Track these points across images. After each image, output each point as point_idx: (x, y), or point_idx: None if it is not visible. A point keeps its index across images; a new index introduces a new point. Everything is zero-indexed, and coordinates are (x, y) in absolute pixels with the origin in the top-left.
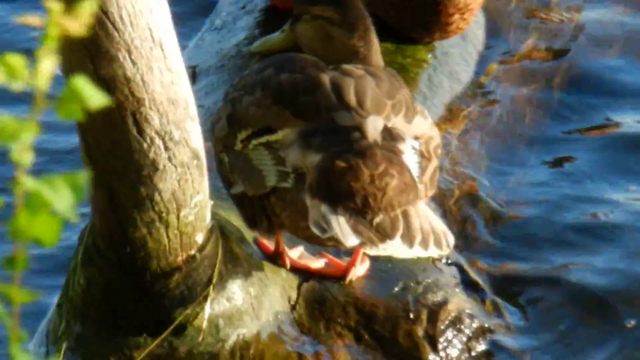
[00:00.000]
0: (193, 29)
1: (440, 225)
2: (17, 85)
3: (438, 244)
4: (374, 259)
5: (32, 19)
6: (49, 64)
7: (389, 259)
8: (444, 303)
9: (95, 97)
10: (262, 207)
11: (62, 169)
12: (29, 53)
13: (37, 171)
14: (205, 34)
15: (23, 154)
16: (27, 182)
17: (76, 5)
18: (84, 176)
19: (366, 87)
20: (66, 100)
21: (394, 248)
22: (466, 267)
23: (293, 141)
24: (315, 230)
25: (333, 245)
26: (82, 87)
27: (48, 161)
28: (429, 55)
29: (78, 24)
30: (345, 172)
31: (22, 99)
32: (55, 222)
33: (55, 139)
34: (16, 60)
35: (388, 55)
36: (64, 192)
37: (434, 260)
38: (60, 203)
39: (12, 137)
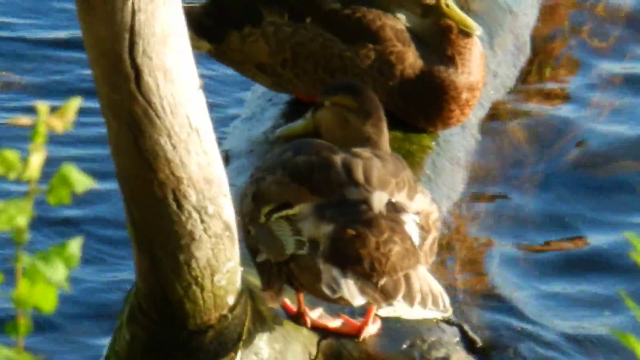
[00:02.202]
0: (228, 118)
1: (438, 287)
2: (12, 176)
3: (435, 303)
4: (384, 320)
5: (23, 120)
6: (38, 157)
7: (397, 320)
8: (446, 359)
9: (81, 182)
10: (283, 272)
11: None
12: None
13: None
14: (237, 122)
15: (20, 235)
16: (25, 259)
17: (62, 106)
18: (75, 246)
19: (373, 167)
20: (55, 186)
21: (398, 308)
22: (466, 327)
23: (308, 214)
24: (327, 291)
25: (346, 305)
26: (69, 174)
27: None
28: (433, 143)
29: (63, 122)
30: (353, 240)
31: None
32: (51, 291)
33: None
34: (11, 155)
35: (397, 142)
36: (57, 265)
37: (437, 321)
38: (54, 275)
39: (9, 221)
